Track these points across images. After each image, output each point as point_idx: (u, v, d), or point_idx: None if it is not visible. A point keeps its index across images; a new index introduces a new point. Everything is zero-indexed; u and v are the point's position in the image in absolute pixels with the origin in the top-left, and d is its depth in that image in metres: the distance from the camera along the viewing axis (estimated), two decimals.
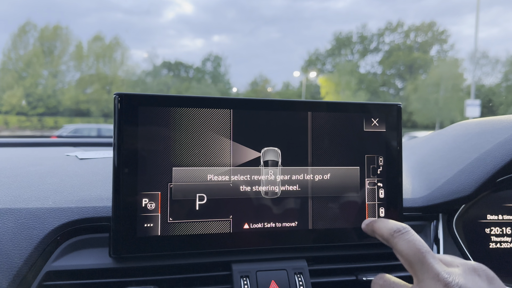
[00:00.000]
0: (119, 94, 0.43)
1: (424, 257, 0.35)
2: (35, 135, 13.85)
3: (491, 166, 0.56)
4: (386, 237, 0.40)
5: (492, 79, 21.82)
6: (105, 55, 23.55)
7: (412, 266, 0.36)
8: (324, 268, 0.49)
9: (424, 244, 0.37)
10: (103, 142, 0.91)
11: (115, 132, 0.43)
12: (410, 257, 0.36)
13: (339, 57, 28.31)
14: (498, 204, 0.60)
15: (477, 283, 0.34)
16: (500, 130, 0.61)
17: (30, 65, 21.63)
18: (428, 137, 0.79)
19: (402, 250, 0.37)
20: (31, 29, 22.43)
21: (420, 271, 0.35)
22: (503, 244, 0.59)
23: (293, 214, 0.47)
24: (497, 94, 19.63)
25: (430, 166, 0.65)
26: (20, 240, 0.42)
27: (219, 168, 0.45)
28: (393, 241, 0.38)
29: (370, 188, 0.50)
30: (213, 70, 30.21)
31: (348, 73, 24.14)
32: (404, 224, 0.40)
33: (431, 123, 20.37)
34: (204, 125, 0.45)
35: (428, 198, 0.57)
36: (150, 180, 0.43)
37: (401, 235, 0.38)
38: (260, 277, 0.45)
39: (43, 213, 0.44)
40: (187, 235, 0.44)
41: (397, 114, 0.51)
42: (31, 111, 21.22)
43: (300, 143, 0.48)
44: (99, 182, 0.54)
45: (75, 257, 0.44)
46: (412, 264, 0.36)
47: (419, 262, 0.36)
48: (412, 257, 0.36)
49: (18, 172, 0.58)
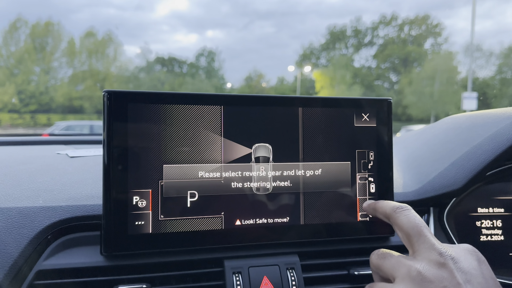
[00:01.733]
0: (108, 92, 0.43)
1: (422, 230, 0.39)
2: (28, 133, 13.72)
3: (481, 159, 0.56)
4: (388, 213, 0.43)
5: (486, 72, 21.97)
6: (97, 51, 23.35)
7: (410, 239, 0.39)
8: (316, 263, 0.49)
9: (422, 220, 0.40)
10: (94, 140, 0.91)
11: (104, 129, 0.42)
12: (409, 230, 0.39)
13: (333, 51, 28.31)
14: (488, 197, 0.61)
15: (468, 260, 0.36)
16: (490, 123, 0.61)
17: (22, 61, 21.40)
18: (419, 131, 0.79)
19: (402, 224, 0.40)
20: (22, 25, 22.16)
21: (417, 242, 0.38)
22: (493, 237, 0.60)
23: (285, 210, 0.48)
24: (491, 87, 19.78)
25: (421, 160, 0.65)
26: (10, 239, 0.41)
27: (210, 165, 0.45)
28: (395, 216, 0.41)
29: (361, 183, 0.50)
30: (207, 66, 30.08)
31: (343, 67, 24.16)
32: (405, 204, 0.43)
33: (426, 117, 20.47)
34: (195, 122, 0.45)
35: (419, 192, 0.57)
36: (140, 178, 0.43)
37: (403, 211, 0.41)
38: (252, 273, 0.45)
39: (34, 212, 0.44)
40: (178, 232, 0.44)
41: (388, 109, 0.51)
42: (23, 108, 21.02)
43: (291, 139, 0.48)
44: (89, 180, 0.54)
45: (66, 255, 0.44)
46: (410, 237, 0.39)
47: (417, 234, 0.38)
48: (411, 229, 0.39)
49: (8, 170, 0.57)
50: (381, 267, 0.39)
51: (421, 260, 0.36)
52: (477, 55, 21.47)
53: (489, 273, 0.36)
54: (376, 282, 0.40)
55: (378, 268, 0.40)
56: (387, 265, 0.39)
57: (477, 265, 0.36)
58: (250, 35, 51.84)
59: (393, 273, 0.37)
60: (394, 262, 0.38)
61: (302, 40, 50.28)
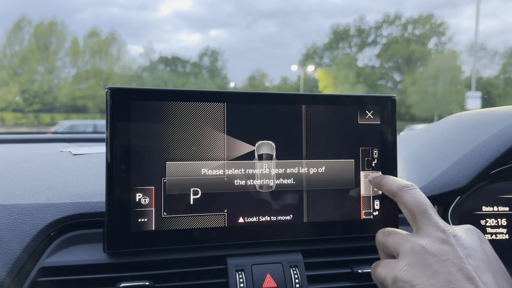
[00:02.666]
0: (110, 88, 0.43)
1: (427, 209, 0.39)
2: (32, 131, 13.80)
3: (486, 157, 0.56)
4: (394, 190, 0.43)
5: (490, 71, 21.84)
6: (101, 51, 23.42)
7: (414, 217, 0.39)
8: (319, 261, 0.49)
9: (427, 200, 0.40)
10: (97, 138, 0.91)
11: (107, 126, 0.42)
12: (414, 208, 0.40)
13: (336, 50, 28.25)
14: (493, 195, 0.60)
15: (470, 237, 0.37)
16: (494, 121, 0.61)
17: (26, 61, 21.49)
18: (423, 129, 0.79)
19: (407, 202, 0.40)
20: (26, 24, 22.26)
21: (421, 220, 0.39)
22: (498, 236, 0.59)
23: (288, 208, 0.47)
24: (495, 86, 19.66)
25: (425, 159, 0.64)
26: (14, 237, 0.41)
27: (213, 162, 0.45)
28: (400, 194, 0.42)
29: (365, 180, 0.50)
30: (210, 65, 30.10)
31: (346, 66, 24.11)
32: (411, 182, 0.43)
33: (429, 116, 20.39)
34: (198, 119, 0.45)
35: (423, 190, 0.57)
36: (143, 175, 0.43)
37: (409, 190, 0.41)
38: (255, 271, 0.45)
39: (36, 209, 0.44)
40: (181, 230, 0.44)
41: (392, 106, 0.51)
42: (27, 107, 21.12)
43: (294, 136, 0.48)
44: (92, 177, 0.54)
45: (69, 253, 0.44)
46: (415, 215, 0.39)
47: (421, 212, 0.39)
48: (416, 207, 0.39)
49: (11, 168, 0.57)
50: (386, 244, 0.40)
51: (424, 236, 0.37)
52: (481, 54, 21.37)
53: (490, 250, 0.37)
54: (382, 259, 0.41)
55: (383, 245, 0.41)
56: (392, 242, 0.39)
57: (478, 242, 0.37)
58: (253, 35, 51.84)
59: (397, 249, 0.38)
60: (398, 239, 0.39)
61: (306, 40, 50.28)
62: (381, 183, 0.46)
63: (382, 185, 0.45)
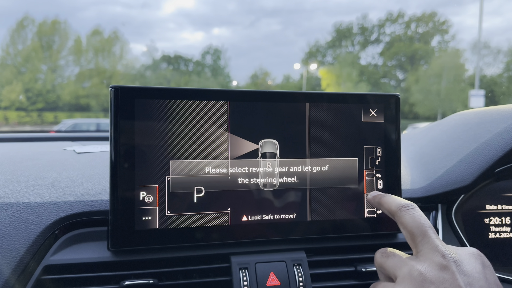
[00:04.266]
0: (114, 87, 0.43)
1: (427, 231, 0.38)
2: (35, 130, 13.86)
3: (490, 156, 0.56)
4: (393, 210, 0.42)
5: (494, 69, 21.73)
6: (104, 49, 23.46)
7: (414, 239, 0.38)
8: (323, 260, 0.49)
9: (428, 220, 0.39)
10: (101, 136, 0.91)
11: (111, 125, 0.42)
12: (413, 229, 0.38)
13: (339, 48, 28.16)
14: (497, 194, 0.60)
15: (472, 263, 0.36)
16: (499, 120, 0.60)
17: (29, 60, 21.56)
18: (427, 127, 0.78)
19: (407, 223, 0.39)
20: (29, 23, 22.32)
21: (421, 242, 0.37)
22: (502, 234, 0.59)
23: (292, 206, 0.47)
24: (499, 85, 19.56)
25: (429, 157, 0.64)
26: (18, 235, 0.42)
27: (216, 160, 0.45)
28: (400, 214, 0.40)
29: (369, 179, 0.50)
30: (213, 63, 30.09)
31: (349, 64, 24.04)
32: (411, 202, 0.42)
33: (433, 114, 20.31)
34: (201, 118, 0.45)
35: (427, 188, 0.57)
36: (147, 173, 0.43)
37: (408, 210, 0.40)
38: (259, 269, 0.45)
39: (41, 207, 0.44)
40: (185, 228, 0.44)
41: (396, 104, 0.51)
42: (30, 106, 21.19)
43: (298, 134, 0.48)
44: (96, 176, 0.54)
45: (74, 251, 0.44)
46: (415, 237, 0.38)
47: (421, 234, 0.37)
48: (415, 229, 0.38)
49: (15, 166, 0.58)
50: (384, 266, 0.39)
51: (423, 261, 0.36)
52: (485, 52, 21.26)
53: (493, 277, 0.35)
54: (380, 281, 0.40)
55: (381, 267, 0.40)
56: (390, 264, 0.38)
57: (481, 269, 0.35)
58: (256, 33, 51.78)
59: (395, 272, 0.37)
60: (397, 261, 0.38)
61: (308, 38, 50.15)
62: (380, 202, 0.44)
63: (381, 204, 0.44)
